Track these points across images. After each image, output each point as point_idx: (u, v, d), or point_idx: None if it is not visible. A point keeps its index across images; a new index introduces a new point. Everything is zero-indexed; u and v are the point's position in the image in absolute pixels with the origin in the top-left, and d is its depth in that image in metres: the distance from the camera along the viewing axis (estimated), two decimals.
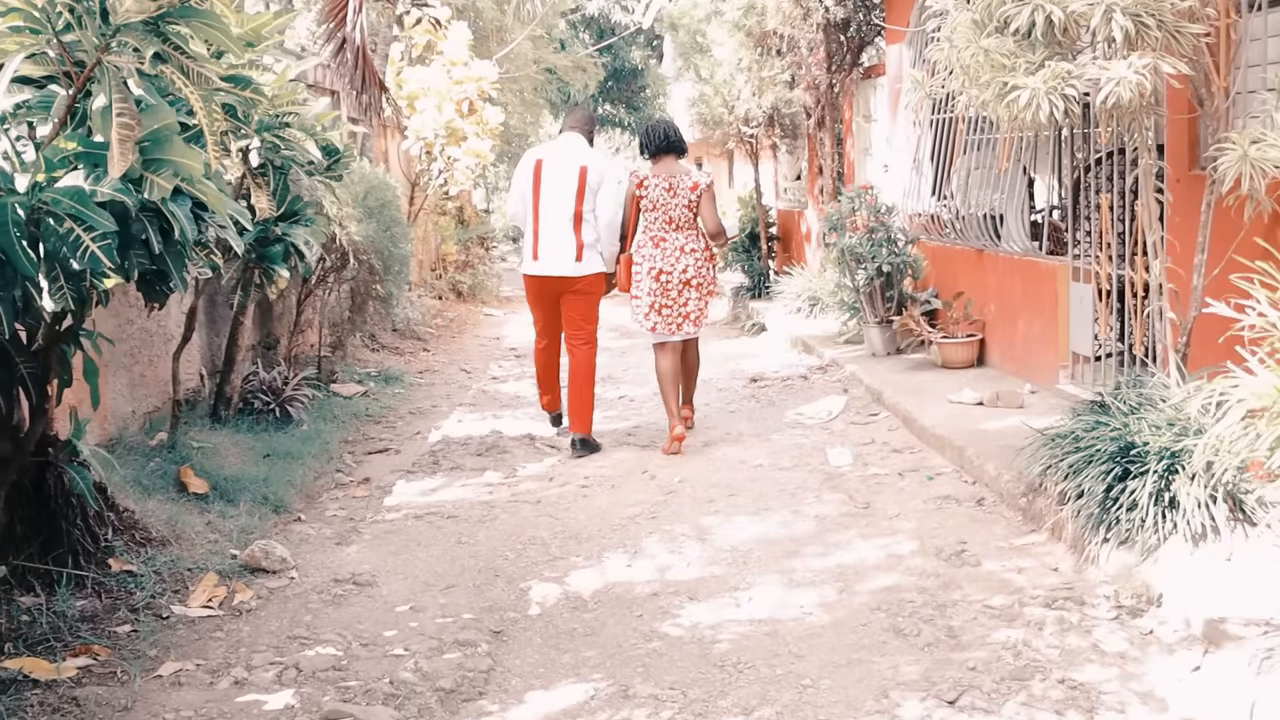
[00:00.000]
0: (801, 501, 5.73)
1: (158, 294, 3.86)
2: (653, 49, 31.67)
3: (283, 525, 5.64)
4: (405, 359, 10.88)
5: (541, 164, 6.96)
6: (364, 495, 6.23)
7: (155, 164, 3.19)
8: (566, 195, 6.87)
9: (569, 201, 6.86)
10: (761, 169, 13.85)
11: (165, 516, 5.20)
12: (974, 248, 8.54)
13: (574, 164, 6.90)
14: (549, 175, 6.91)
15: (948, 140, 9.16)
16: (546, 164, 6.95)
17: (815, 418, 7.54)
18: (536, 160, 7.00)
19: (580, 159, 6.93)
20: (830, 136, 11.64)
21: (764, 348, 10.76)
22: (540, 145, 7.65)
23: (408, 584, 4.76)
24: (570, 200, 6.86)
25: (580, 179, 6.85)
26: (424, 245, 16.00)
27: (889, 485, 5.93)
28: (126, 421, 6.27)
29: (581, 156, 6.95)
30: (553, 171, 6.90)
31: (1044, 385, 7.34)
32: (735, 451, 6.80)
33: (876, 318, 9.03)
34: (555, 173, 6.90)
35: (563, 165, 6.92)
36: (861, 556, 4.87)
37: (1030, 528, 5.09)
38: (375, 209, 8.04)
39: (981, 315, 8.42)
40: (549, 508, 5.79)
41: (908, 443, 6.75)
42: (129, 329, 6.34)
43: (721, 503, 5.76)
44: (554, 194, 6.88)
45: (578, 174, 6.86)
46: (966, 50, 5.05)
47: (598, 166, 6.92)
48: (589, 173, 6.87)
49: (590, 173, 6.87)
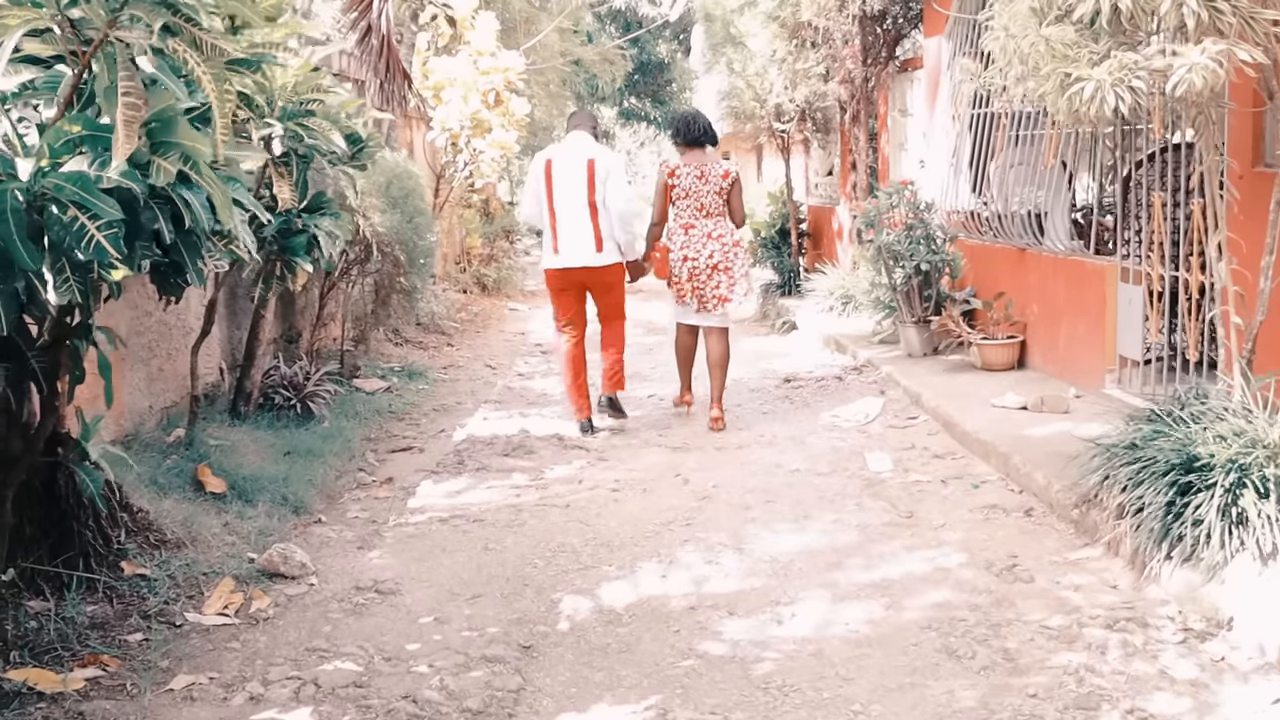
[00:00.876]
0: (842, 509, 5.49)
1: (172, 287, 3.66)
2: (679, 43, 31.41)
3: (302, 527, 5.44)
4: (429, 354, 10.69)
5: (551, 163, 7.18)
6: (387, 496, 6.02)
7: (162, 147, 2.98)
8: (578, 187, 7.07)
9: (582, 193, 7.07)
10: (792, 164, 13.58)
11: (181, 517, 5.01)
12: (1015, 246, 8.28)
13: (582, 157, 7.11)
14: (560, 171, 7.12)
15: (987, 136, 8.89)
16: (556, 162, 7.17)
17: (852, 420, 7.30)
18: (546, 160, 7.23)
19: (588, 152, 7.14)
20: (864, 131, 11.37)
21: (795, 346, 10.52)
22: (548, 147, 7.95)
23: (432, 593, 4.54)
24: (583, 191, 7.06)
25: (589, 170, 7.05)
26: (448, 238, 15.81)
27: (932, 493, 5.69)
28: (143, 417, 6.08)
29: (588, 150, 7.17)
30: (563, 167, 7.13)
31: (1089, 389, 7.07)
32: (771, 455, 6.56)
33: (913, 317, 8.77)
34: (565, 168, 7.12)
35: (572, 160, 7.13)
36: (908, 569, 4.64)
37: (1084, 541, 4.84)
38: (399, 199, 7.84)
39: (1022, 316, 8.16)
40: (579, 513, 5.57)
41: (949, 448, 6.50)
42: (146, 322, 6.15)
43: (758, 509, 5.53)
44: (567, 188, 7.09)
45: (586, 166, 7.06)
46: (1025, 39, 4.80)
47: (604, 159, 7.14)
48: (596, 164, 7.07)
49: (598, 164, 7.08)
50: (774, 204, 13.94)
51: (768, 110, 12.20)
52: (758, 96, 12.10)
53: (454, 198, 14.91)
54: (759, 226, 14.04)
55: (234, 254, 3.80)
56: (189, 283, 3.62)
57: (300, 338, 8.35)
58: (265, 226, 5.68)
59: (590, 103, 30.10)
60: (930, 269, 8.63)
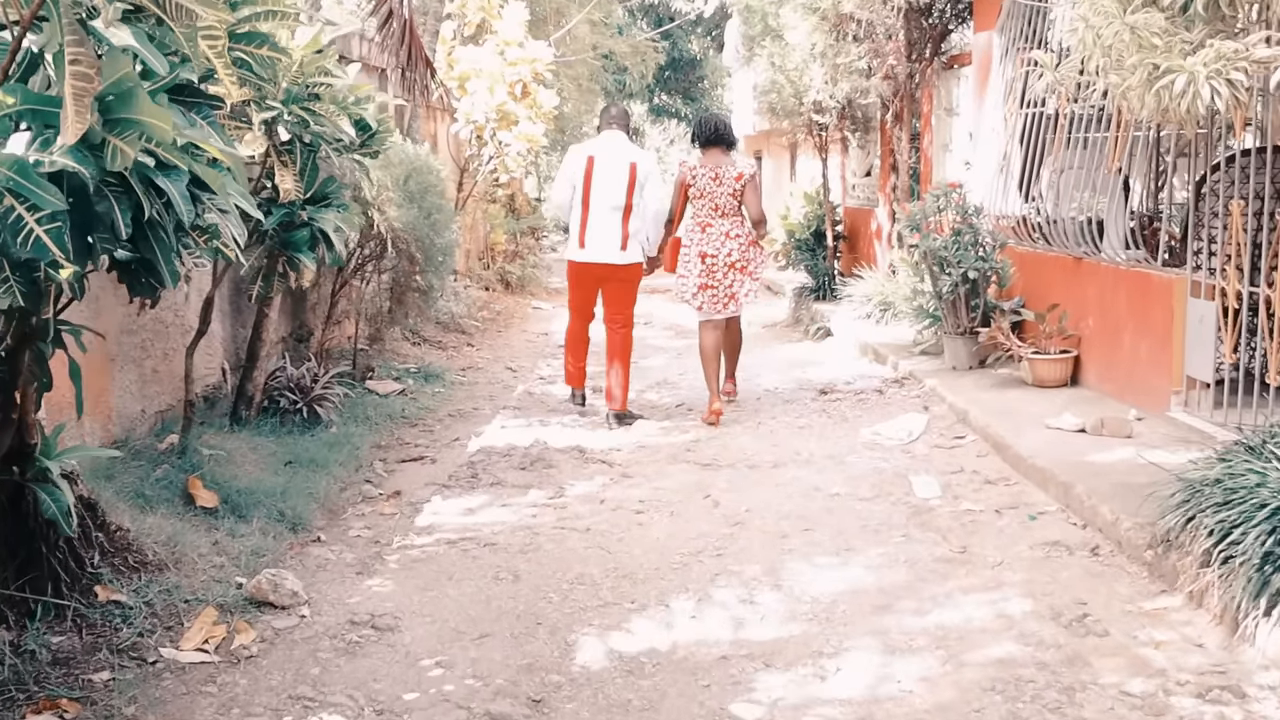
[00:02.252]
0: (888, 541, 5.01)
1: (144, 288, 3.22)
2: (712, 39, 30.91)
3: (299, 547, 5.00)
4: (448, 354, 10.26)
5: (594, 160, 7.33)
6: (393, 513, 5.58)
7: (119, 125, 2.53)
8: (618, 190, 7.28)
9: (620, 195, 7.28)
10: (829, 163, 13.06)
11: (166, 535, 4.59)
12: (1070, 255, 7.75)
13: (625, 161, 7.32)
14: (601, 171, 7.30)
15: (1039, 137, 8.38)
16: (599, 160, 7.33)
17: (894, 438, 6.81)
18: (589, 156, 7.37)
19: (630, 156, 7.36)
20: (907, 130, 10.86)
21: (830, 354, 10.02)
22: (589, 141, 7.87)
23: (435, 630, 4.09)
24: (622, 194, 7.28)
25: (631, 174, 7.28)
26: (472, 234, 15.39)
27: (986, 525, 5.20)
28: (134, 422, 5.66)
29: (631, 154, 7.39)
30: (605, 167, 7.31)
31: (1152, 412, 6.56)
32: (807, 475, 6.08)
33: (959, 328, 8.27)
34: (607, 169, 7.30)
35: (615, 162, 7.31)
36: (966, 616, 4.15)
37: (1160, 588, 4.35)
38: (416, 193, 7.39)
39: (1076, 330, 7.64)
40: (599, 537, 5.11)
41: (1001, 473, 6.01)
42: (141, 319, 5.73)
43: (796, 539, 5.06)
44: (605, 188, 7.28)
45: (629, 170, 7.28)
46: (1109, 28, 4.31)
47: (645, 163, 7.41)
48: (639, 169, 7.32)
49: (639, 169, 7.32)
50: (809, 205, 13.43)
51: (806, 106, 11.69)
52: (796, 92, 11.59)
53: (478, 192, 14.47)
54: (793, 228, 13.55)
55: (217, 251, 3.35)
56: (163, 284, 3.17)
57: (311, 337, 7.93)
58: (265, 219, 5.26)
59: (620, 98, 29.69)
60: (978, 277, 8.13)
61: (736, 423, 7.40)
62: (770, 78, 11.93)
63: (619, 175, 7.25)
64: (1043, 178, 8.36)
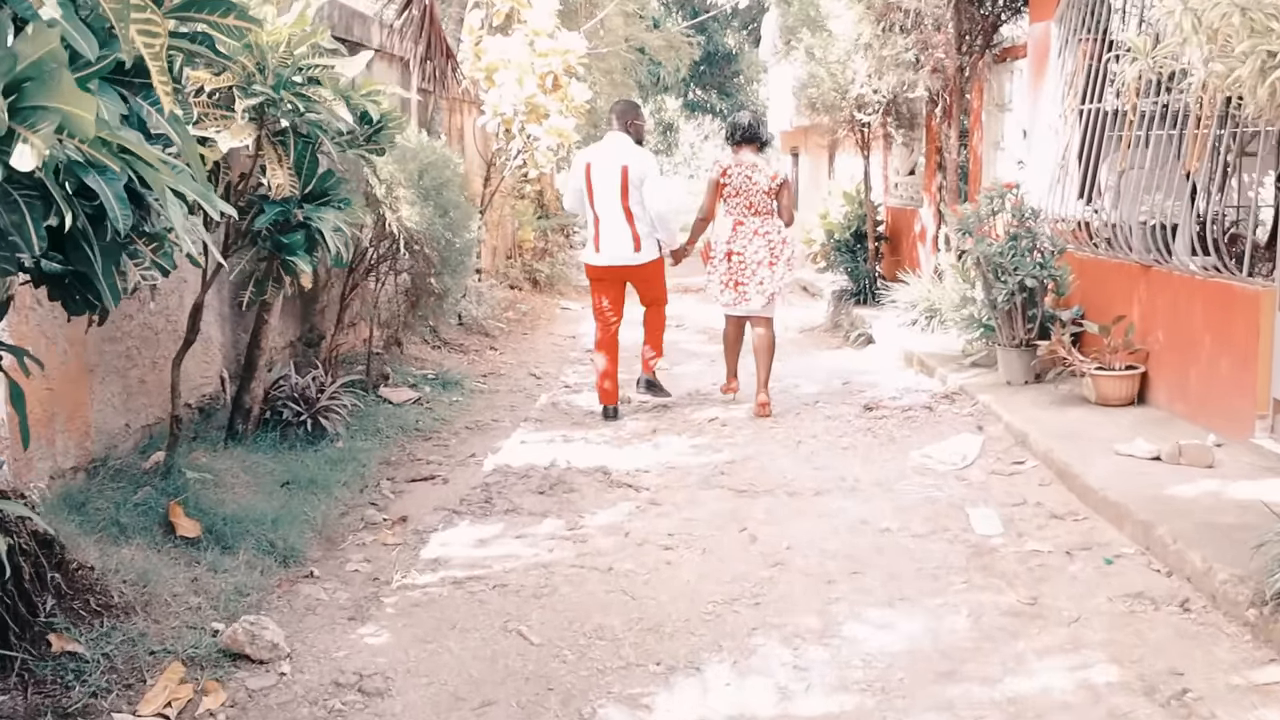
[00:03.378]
0: (947, 588, 4.44)
1: (81, 305, 2.70)
2: (748, 33, 30.28)
3: (288, 584, 4.49)
4: (469, 358, 9.76)
5: (590, 166, 7.42)
6: (397, 543, 5.07)
7: (31, 115, 2.02)
8: (613, 192, 7.35)
9: (616, 197, 7.34)
10: (871, 161, 12.46)
11: (137, 572, 4.10)
12: (1138, 262, 7.15)
13: (616, 164, 7.34)
14: (598, 176, 7.39)
15: (1100, 134, 7.77)
16: (595, 166, 7.41)
17: (947, 462, 6.24)
18: (586, 163, 7.46)
19: (621, 159, 7.36)
20: (955, 127, 10.25)
21: (873, 363, 9.44)
22: (589, 147, 7.89)
23: (430, 696, 3.57)
24: (617, 196, 7.33)
25: (622, 177, 7.31)
26: (499, 230, 14.89)
27: (1056, 569, 4.62)
28: (116, 439, 5.18)
29: (623, 156, 7.37)
30: (600, 172, 7.38)
31: (1233, 438, 5.97)
32: (853, 506, 5.52)
33: (1014, 340, 7.68)
34: (602, 173, 7.38)
35: (607, 166, 7.37)
36: (1042, 686, 3.59)
37: (1269, 655, 3.77)
38: (432, 190, 6.87)
39: (1144, 343, 7.04)
40: (622, 579, 4.57)
41: (1068, 505, 5.43)
42: (126, 325, 5.25)
43: (844, 584, 4.50)
44: (604, 193, 7.37)
45: (620, 173, 7.31)
46: (1213, 9, 3.73)
47: (638, 164, 7.35)
48: (630, 171, 7.31)
49: (631, 171, 7.31)
50: (849, 204, 12.84)
51: (849, 101, 11.09)
52: (838, 86, 10.99)
53: (506, 188, 13.97)
54: (833, 228, 12.97)
55: (165, 267, 2.83)
56: (102, 300, 2.66)
57: (322, 341, 7.44)
58: (257, 218, 4.75)
59: (654, 92, 29.14)
60: (1036, 285, 7.53)
61: (774, 441, 6.85)
62: (810, 71, 11.33)
63: (612, 178, 7.33)
64: (1102, 178, 7.76)
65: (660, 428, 7.29)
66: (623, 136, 7.46)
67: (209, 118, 4.40)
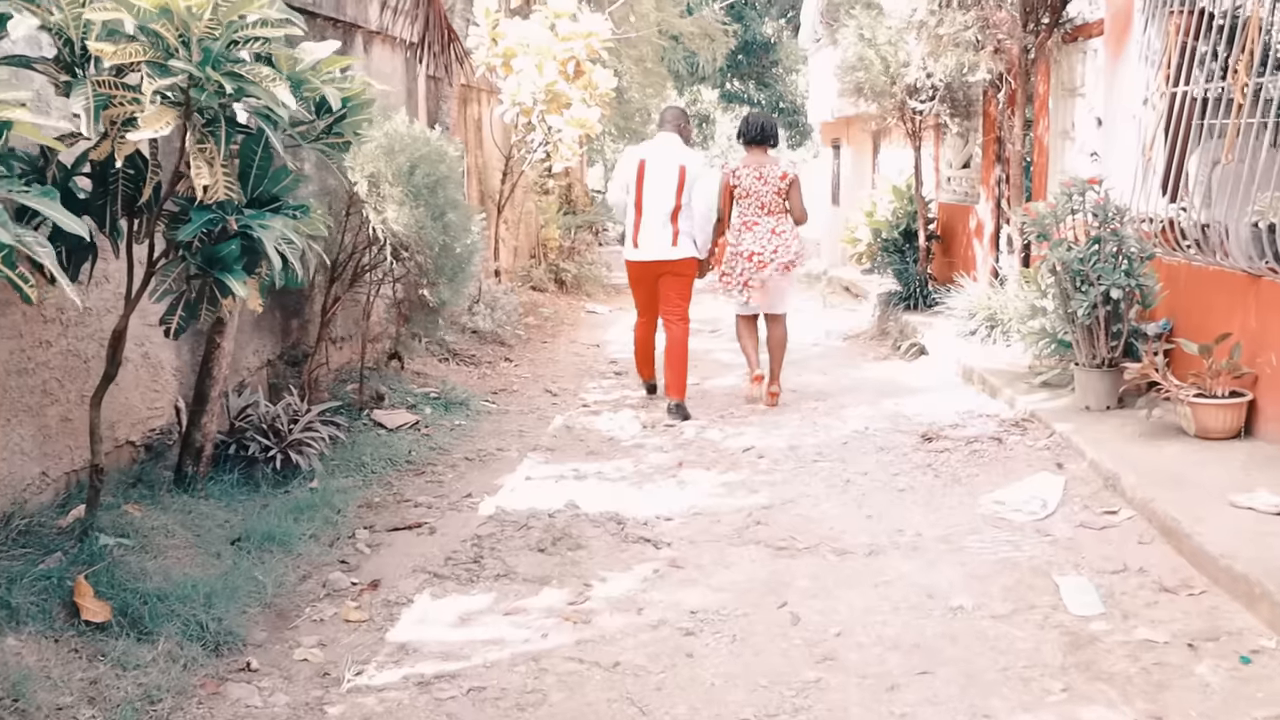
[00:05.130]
0: (1044, 699, 3.49)
1: None
2: (787, 21, 29.22)
3: (214, 684, 3.61)
4: (480, 372, 8.87)
5: (645, 164, 7.62)
6: (361, 619, 4.17)
7: None
8: (668, 192, 7.54)
9: (669, 197, 7.54)
10: (921, 153, 11.44)
11: (17, 675, 3.23)
12: (1242, 271, 6.13)
13: (674, 163, 7.58)
14: (652, 174, 7.58)
15: (1184, 122, 6.75)
16: (649, 164, 7.61)
17: (1023, 510, 5.27)
18: (640, 160, 7.66)
19: (679, 158, 7.61)
20: (1020, 114, 9.23)
21: (927, 379, 8.46)
22: (642, 145, 8.15)
23: None
24: (671, 196, 7.54)
25: (680, 177, 7.54)
26: (521, 228, 14.00)
27: (1179, 671, 3.66)
28: (28, 491, 4.30)
29: (680, 156, 7.63)
30: (655, 170, 7.58)
31: None
32: (915, 571, 4.57)
33: (1095, 359, 6.68)
34: (657, 172, 7.58)
35: (664, 164, 7.59)
36: None
37: None
38: (424, 188, 5.95)
39: (1253, 366, 6.03)
40: (629, 680, 3.65)
41: (1179, 573, 4.45)
42: (42, 354, 4.38)
43: (909, 690, 3.55)
44: (656, 191, 7.55)
45: (678, 172, 7.55)
46: None
47: (694, 165, 7.65)
48: (687, 171, 7.57)
49: (688, 171, 7.58)
50: (898, 200, 11.84)
51: (900, 87, 10.08)
52: (888, 69, 9.99)
53: (526, 182, 13.08)
54: (879, 225, 11.99)
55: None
56: None
57: (308, 358, 6.56)
58: (183, 227, 3.86)
59: (690, 81, 28.14)
60: (1121, 297, 6.54)
61: (818, 478, 5.92)
62: (858, 53, 10.33)
63: (668, 178, 7.52)
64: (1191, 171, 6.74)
65: (687, 460, 6.38)
66: (675, 138, 7.73)
67: (116, 100, 3.52)
